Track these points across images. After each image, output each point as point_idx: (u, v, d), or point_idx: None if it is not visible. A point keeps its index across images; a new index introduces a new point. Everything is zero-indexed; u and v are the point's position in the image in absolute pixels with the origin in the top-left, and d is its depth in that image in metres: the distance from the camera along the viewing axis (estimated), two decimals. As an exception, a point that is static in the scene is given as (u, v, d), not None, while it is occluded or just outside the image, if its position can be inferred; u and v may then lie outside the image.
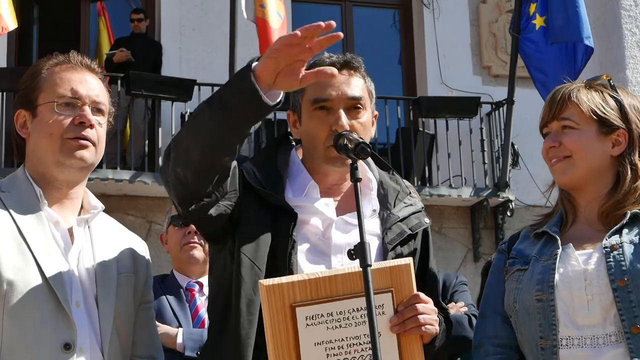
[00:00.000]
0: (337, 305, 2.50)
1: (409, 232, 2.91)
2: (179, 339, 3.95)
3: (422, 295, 2.60)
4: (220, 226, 2.79)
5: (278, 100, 2.56)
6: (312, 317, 2.50)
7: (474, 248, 12.43)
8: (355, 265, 2.48)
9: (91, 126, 2.71)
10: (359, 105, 2.88)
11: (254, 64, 2.54)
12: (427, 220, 3.01)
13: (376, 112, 3.01)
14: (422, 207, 3.04)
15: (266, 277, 2.70)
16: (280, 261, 2.75)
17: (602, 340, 2.69)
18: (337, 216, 2.86)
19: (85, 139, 2.70)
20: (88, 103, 2.73)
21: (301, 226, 2.83)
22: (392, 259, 2.80)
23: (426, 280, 2.94)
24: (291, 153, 3.00)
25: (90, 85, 2.76)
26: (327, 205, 2.87)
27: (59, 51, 2.88)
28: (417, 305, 2.57)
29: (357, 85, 2.91)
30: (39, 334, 2.51)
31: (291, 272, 2.71)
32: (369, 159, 3.04)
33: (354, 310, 2.50)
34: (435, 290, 3.00)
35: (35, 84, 2.74)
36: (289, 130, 3.09)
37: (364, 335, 2.50)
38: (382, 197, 2.97)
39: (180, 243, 4.15)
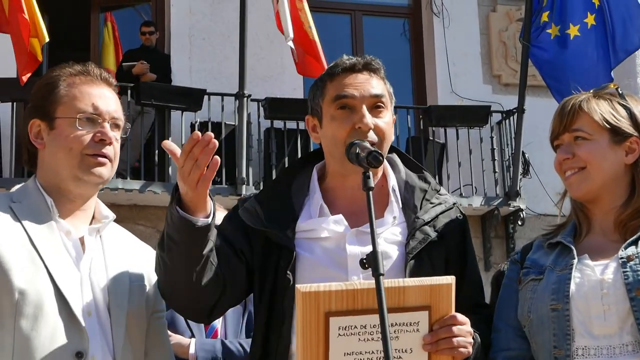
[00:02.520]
0: (372, 319, 2.43)
1: (435, 234, 2.86)
2: (192, 349, 3.95)
3: (459, 316, 2.55)
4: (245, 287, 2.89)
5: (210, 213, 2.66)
6: (346, 327, 2.45)
7: (485, 257, 12.40)
8: (395, 280, 2.46)
9: (110, 143, 2.72)
10: (381, 104, 2.88)
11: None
12: (459, 215, 2.97)
13: (394, 116, 3.00)
14: (454, 203, 2.99)
15: (268, 315, 2.77)
16: (279, 299, 2.76)
17: (618, 350, 2.67)
18: (357, 226, 2.83)
19: (104, 156, 2.71)
20: (107, 119, 2.74)
21: (315, 245, 2.83)
22: (415, 267, 2.77)
23: (464, 280, 2.89)
24: (312, 174, 2.99)
25: (109, 100, 2.77)
26: (336, 223, 2.85)
27: (69, 61, 2.87)
28: (453, 327, 2.53)
29: (378, 84, 2.91)
30: (51, 343, 2.50)
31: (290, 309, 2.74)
32: (397, 160, 3.04)
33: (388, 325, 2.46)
34: (473, 289, 2.96)
35: (54, 95, 2.72)
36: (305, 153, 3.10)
37: (395, 350, 2.45)
38: (407, 200, 2.94)
39: None
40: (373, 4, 13.71)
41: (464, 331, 2.56)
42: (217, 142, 2.51)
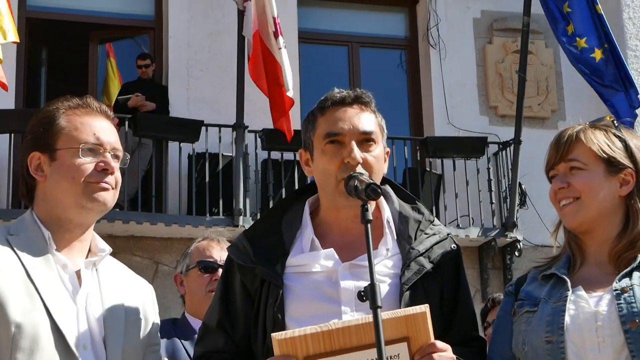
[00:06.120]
0: (351, 357, 2.44)
1: (430, 265, 2.85)
2: None
3: (439, 344, 2.54)
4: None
5: None
6: None
7: (482, 288, 12.37)
8: (368, 316, 2.44)
9: (112, 172, 2.74)
10: (371, 140, 2.88)
11: None
12: (453, 246, 2.95)
13: (387, 149, 3.00)
14: (448, 234, 2.98)
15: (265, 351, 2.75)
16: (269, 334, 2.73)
17: (613, 382, 2.67)
18: (351, 259, 2.83)
19: (107, 183, 2.73)
20: (109, 150, 2.76)
21: (306, 279, 2.83)
22: (410, 298, 2.77)
23: (457, 312, 2.89)
24: (304, 208, 2.99)
25: (109, 132, 2.80)
26: (327, 258, 2.84)
27: (67, 93, 2.89)
28: (433, 355, 2.51)
29: (368, 119, 2.90)
30: (47, 377, 2.49)
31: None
32: (390, 191, 3.03)
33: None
34: (467, 321, 2.94)
35: (54, 127, 2.74)
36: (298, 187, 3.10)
37: None
38: (401, 231, 2.93)
39: (205, 289, 4.13)
40: (370, 36, 13.76)
41: (446, 358, 2.55)
42: None
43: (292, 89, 10.28)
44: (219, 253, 4.16)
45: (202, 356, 2.91)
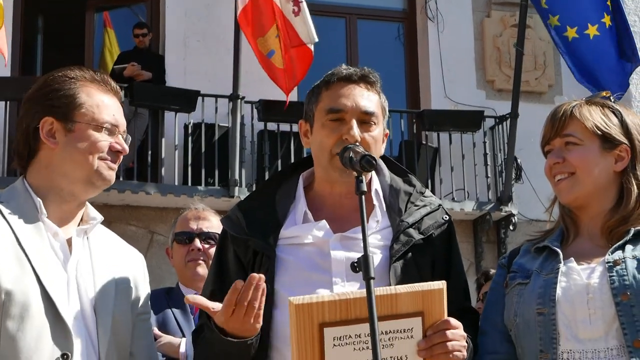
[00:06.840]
0: (366, 327, 2.41)
1: (420, 236, 2.87)
2: (182, 348, 3.96)
3: (452, 320, 2.55)
4: None
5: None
6: (340, 337, 2.45)
7: (477, 262, 12.42)
8: (387, 287, 2.46)
9: (124, 154, 2.79)
10: (371, 120, 2.88)
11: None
12: (445, 216, 2.96)
13: (387, 131, 3.00)
14: (439, 205, 2.98)
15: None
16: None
17: (603, 354, 2.69)
18: (341, 231, 2.84)
19: (115, 163, 2.76)
20: (121, 131, 2.78)
21: (298, 250, 2.84)
22: (400, 270, 2.78)
23: (449, 284, 2.91)
24: (299, 180, 3.00)
25: (121, 114, 2.82)
26: (319, 229, 2.86)
27: (63, 60, 2.88)
28: (446, 331, 2.53)
29: (371, 100, 2.91)
30: (37, 344, 2.50)
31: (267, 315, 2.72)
32: (382, 165, 3.03)
33: (382, 332, 2.43)
34: (460, 292, 2.95)
35: (74, 99, 2.72)
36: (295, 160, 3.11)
37: (390, 357, 2.48)
38: (392, 204, 2.94)
39: (184, 259, 4.18)
40: (368, 8, 13.73)
41: (458, 335, 2.56)
42: (263, 277, 2.54)
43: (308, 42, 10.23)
44: (196, 223, 4.20)
45: (198, 328, 2.93)
